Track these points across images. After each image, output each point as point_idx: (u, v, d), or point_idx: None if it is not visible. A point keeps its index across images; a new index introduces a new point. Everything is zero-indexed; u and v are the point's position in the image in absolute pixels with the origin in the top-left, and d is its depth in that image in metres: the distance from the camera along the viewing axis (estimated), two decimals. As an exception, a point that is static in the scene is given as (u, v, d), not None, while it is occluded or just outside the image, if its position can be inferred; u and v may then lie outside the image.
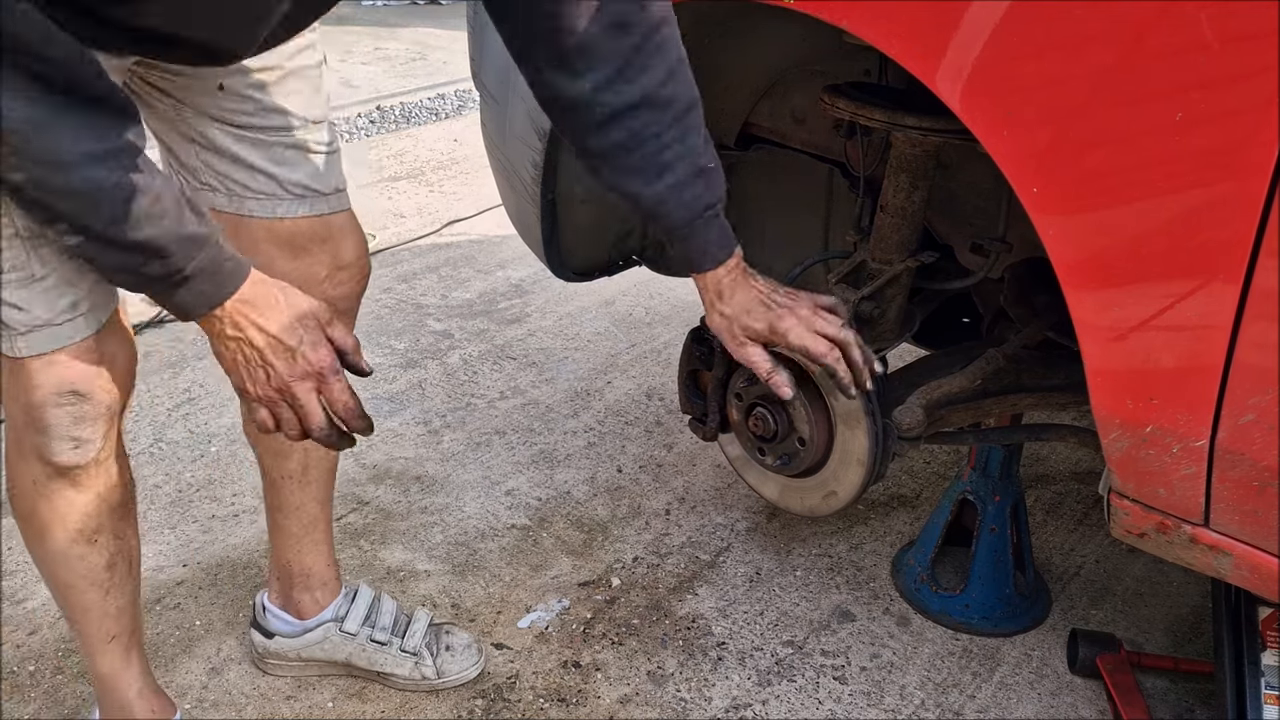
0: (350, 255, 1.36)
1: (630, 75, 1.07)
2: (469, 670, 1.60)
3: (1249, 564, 1.07)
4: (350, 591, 1.61)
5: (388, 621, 1.60)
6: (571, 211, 1.74)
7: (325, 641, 1.57)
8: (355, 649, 1.58)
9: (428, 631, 1.61)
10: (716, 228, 1.17)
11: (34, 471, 1.16)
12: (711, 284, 1.20)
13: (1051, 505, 2.08)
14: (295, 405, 1.03)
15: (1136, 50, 0.90)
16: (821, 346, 1.19)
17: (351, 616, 1.58)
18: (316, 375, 1.02)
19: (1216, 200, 0.90)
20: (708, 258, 1.18)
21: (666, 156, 1.11)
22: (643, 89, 1.08)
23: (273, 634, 1.58)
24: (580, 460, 2.19)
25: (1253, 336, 0.93)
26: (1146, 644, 1.72)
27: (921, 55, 1.03)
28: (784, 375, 1.22)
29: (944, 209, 1.51)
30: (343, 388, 1.04)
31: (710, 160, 1.14)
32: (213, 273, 0.97)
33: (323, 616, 1.57)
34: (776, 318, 1.19)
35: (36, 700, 1.55)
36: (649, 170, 1.12)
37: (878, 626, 1.75)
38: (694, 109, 1.12)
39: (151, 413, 2.28)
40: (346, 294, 1.37)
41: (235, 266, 0.99)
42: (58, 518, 1.19)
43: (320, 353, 1.02)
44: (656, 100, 1.08)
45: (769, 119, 1.69)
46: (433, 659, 1.58)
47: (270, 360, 1.01)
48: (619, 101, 1.08)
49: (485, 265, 3.17)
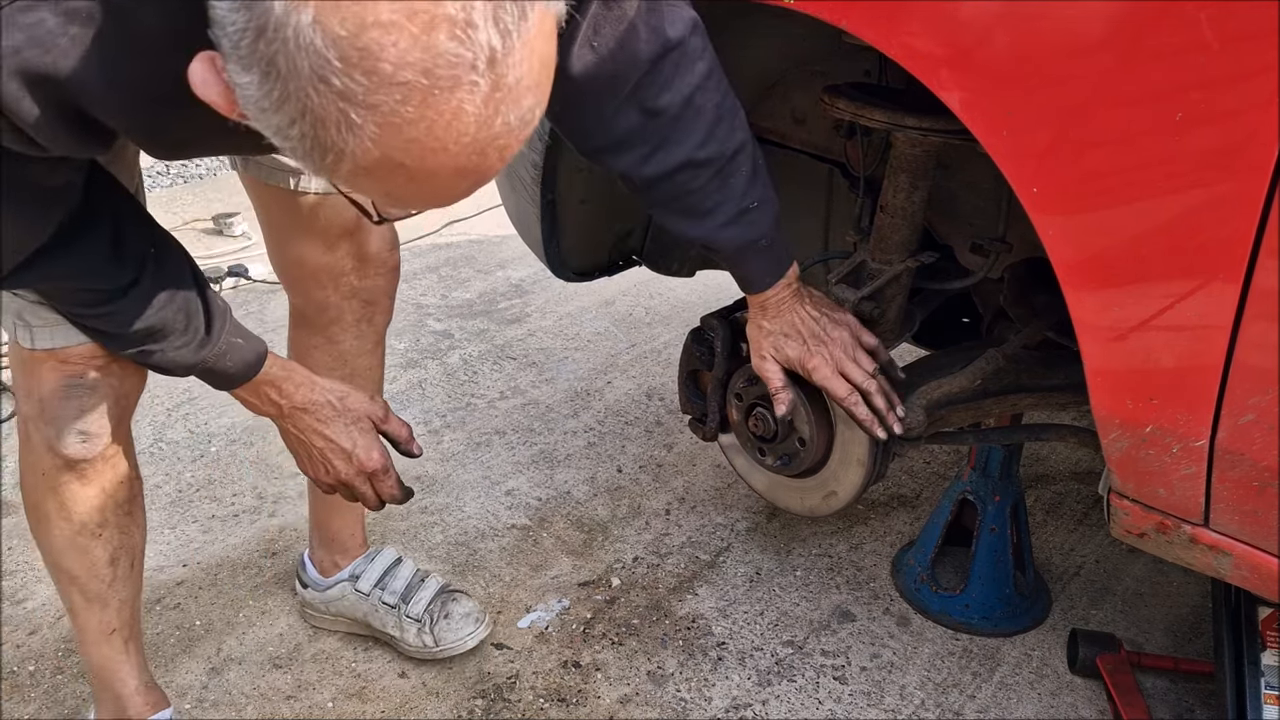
0: (373, 248, 1.41)
1: (668, 148, 1.11)
2: (465, 639, 1.60)
3: (1249, 564, 1.07)
4: (372, 553, 1.67)
5: (399, 586, 1.63)
6: (571, 212, 1.74)
7: (344, 599, 1.64)
8: (369, 609, 1.63)
9: (435, 599, 1.63)
10: (761, 258, 1.21)
11: (43, 463, 1.18)
12: (759, 300, 1.26)
13: (1051, 505, 2.08)
14: (352, 492, 1.21)
15: (1136, 50, 0.90)
16: (842, 390, 1.25)
17: (366, 576, 1.64)
18: (370, 475, 1.20)
19: (1216, 200, 0.90)
20: (754, 283, 1.24)
21: (707, 205, 1.15)
22: (679, 158, 1.11)
23: (307, 585, 1.68)
24: (580, 460, 2.19)
25: (1253, 336, 0.93)
26: (1146, 644, 1.72)
27: (921, 55, 1.03)
28: (789, 395, 1.28)
29: (944, 209, 1.51)
30: (392, 483, 1.22)
31: (754, 200, 1.16)
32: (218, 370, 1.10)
33: (340, 575, 1.65)
34: (807, 354, 1.25)
35: (36, 700, 1.55)
36: (692, 216, 1.16)
37: (878, 626, 1.75)
38: (737, 156, 1.14)
39: (151, 413, 2.28)
40: (373, 286, 1.44)
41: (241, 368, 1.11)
42: (63, 510, 1.21)
43: (373, 455, 1.19)
44: (694, 162, 1.11)
45: (769, 119, 1.68)
46: (431, 627, 1.59)
47: (330, 459, 1.19)
48: (658, 170, 1.12)
49: (485, 265, 3.17)
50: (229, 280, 2.91)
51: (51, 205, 0.91)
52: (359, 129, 0.61)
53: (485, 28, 0.60)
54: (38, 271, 0.95)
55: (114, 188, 1.01)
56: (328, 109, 0.61)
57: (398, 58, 0.59)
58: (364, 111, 0.60)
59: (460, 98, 0.61)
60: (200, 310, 1.06)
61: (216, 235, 3.26)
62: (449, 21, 0.59)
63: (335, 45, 0.59)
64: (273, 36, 0.59)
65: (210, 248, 3.17)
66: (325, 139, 0.62)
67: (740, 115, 1.15)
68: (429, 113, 0.61)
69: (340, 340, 1.46)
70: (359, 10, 0.58)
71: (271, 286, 2.91)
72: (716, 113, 1.11)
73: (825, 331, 1.25)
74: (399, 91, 0.60)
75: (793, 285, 1.25)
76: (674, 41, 1.05)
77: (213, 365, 1.08)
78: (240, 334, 1.10)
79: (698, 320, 1.52)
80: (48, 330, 1.08)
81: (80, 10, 0.72)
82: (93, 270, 0.98)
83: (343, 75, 0.59)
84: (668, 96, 1.07)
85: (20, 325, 1.09)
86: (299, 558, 1.71)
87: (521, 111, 0.65)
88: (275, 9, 0.59)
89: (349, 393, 1.18)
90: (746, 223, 1.17)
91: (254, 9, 0.60)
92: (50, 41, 0.72)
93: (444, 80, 0.60)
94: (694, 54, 1.07)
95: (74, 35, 0.73)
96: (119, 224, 0.99)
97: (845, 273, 1.47)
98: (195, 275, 1.07)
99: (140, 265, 1.00)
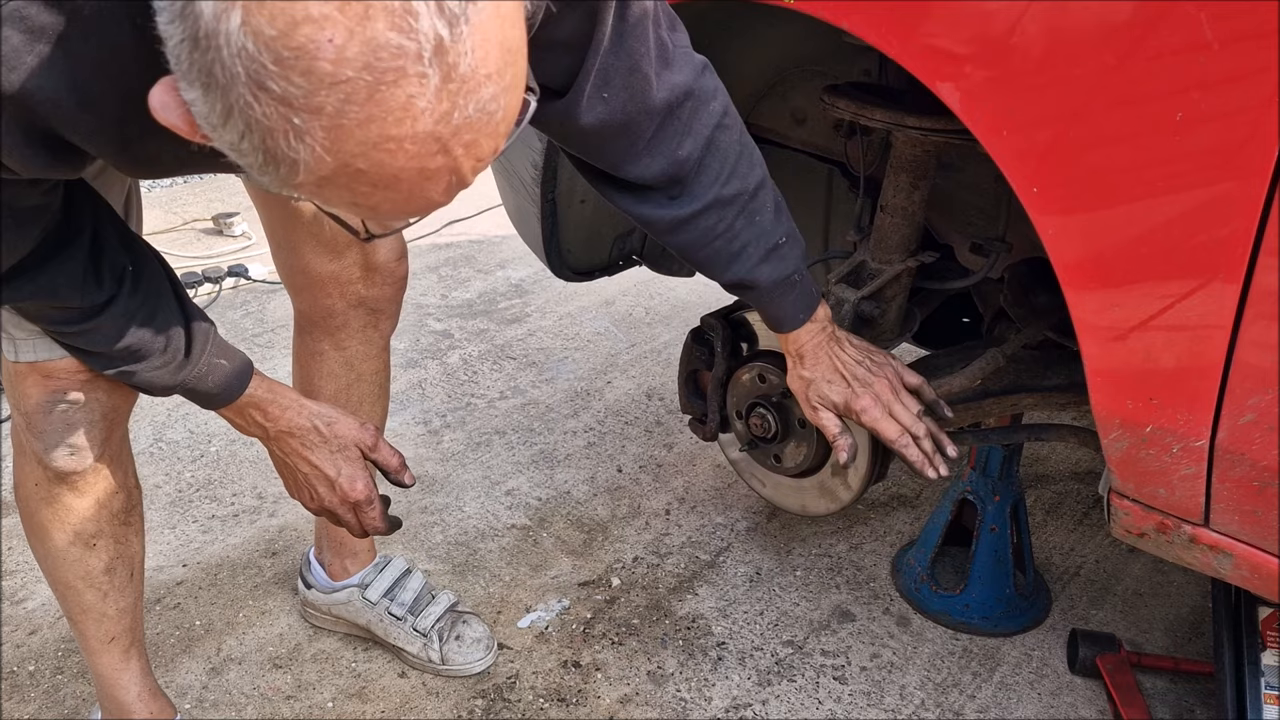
0: (381, 257, 1.40)
1: (693, 191, 1.09)
2: (473, 664, 1.61)
3: (1249, 564, 1.07)
4: (382, 562, 1.67)
5: (408, 598, 1.63)
6: (571, 211, 1.74)
7: (350, 604, 1.64)
8: (374, 617, 1.63)
9: (445, 615, 1.63)
10: (794, 294, 1.19)
11: (35, 474, 1.17)
12: (794, 345, 1.23)
13: (1051, 505, 2.08)
14: (337, 519, 1.19)
15: (1136, 50, 0.90)
16: (893, 432, 1.21)
17: (375, 586, 1.64)
18: (353, 505, 1.17)
19: (1216, 200, 0.90)
20: (786, 321, 1.21)
21: (735, 246, 1.13)
22: (706, 199, 1.09)
23: (311, 585, 1.67)
24: (580, 460, 2.19)
25: (1253, 336, 0.93)
26: (1146, 644, 1.72)
27: (921, 55, 1.03)
28: (849, 440, 1.24)
29: (944, 209, 1.51)
30: (375, 514, 1.18)
31: (782, 235, 1.15)
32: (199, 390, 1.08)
33: (349, 581, 1.65)
34: (854, 396, 1.21)
35: (36, 700, 1.55)
36: (721, 261, 1.14)
37: (878, 626, 1.75)
38: (760, 192, 1.13)
39: (151, 413, 2.28)
40: (380, 295, 1.42)
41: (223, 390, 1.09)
42: (57, 520, 1.20)
43: (357, 486, 1.16)
44: (721, 200, 1.10)
45: (769, 119, 1.68)
46: (440, 645, 1.60)
47: (314, 485, 1.16)
48: (685, 213, 1.10)
49: (485, 265, 3.17)
50: (229, 280, 2.91)
51: (28, 225, 0.88)
52: (307, 135, 0.58)
53: (428, 15, 0.56)
54: (13, 289, 0.92)
55: (93, 203, 0.97)
56: (271, 117, 0.57)
57: (335, 54, 0.55)
58: (308, 116, 0.57)
59: (408, 91, 0.57)
60: (181, 331, 1.03)
61: (216, 235, 3.26)
62: (386, 11, 0.55)
63: (268, 47, 0.55)
64: (205, 45, 0.56)
65: (210, 248, 3.17)
66: (276, 150, 0.59)
67: (756, 150, 1.13)
68: (376, 111, 0.57)
69: (346, 346, 1.45)
70: (287, 7, 0.54)
71: (271, 286, 2.91)
72: (738, 149, 1.10)
73: (869, 373, 1.22)
74: (341, 91, 0.56)
75: (827, 328, 1.22)
76: (687, 89, 1.03)
77: (194, 386, 1.06)
78: (225, 354, 1.07)
79: (698, 320, 1.52)
80: (30, 343, 1.06)
81: (47, 28, 0.69)
82: (67, 288, 0.95)
83: (279, 79, 0.56)
84: (689, 143, 1.06)
85: (5, 337, 1.07)
86: (303, 557, 1.71)
87: (482, 101, 0.60)
88: (204, 14, 0.56)
89: (337, 419, 1.14)
90: (779, 258, 1.15)
91: (186, 17, 0.57)
92: (15, 60, 0.69)
93: (388, 74, 0.56)
94: (708, 95, 1.06)
95: (40, 53, 0.69)
96: (97, 242, 0.96)
97: (845, 273, 1.47)
98: (178, 294, 1.04)
99: (117, 284, 0.97)
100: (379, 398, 1.53)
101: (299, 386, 1.48)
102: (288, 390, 1.14)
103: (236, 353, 1.09)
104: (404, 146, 0.59)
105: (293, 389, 1.15)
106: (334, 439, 1.14)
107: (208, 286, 2.85)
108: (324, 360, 1.45)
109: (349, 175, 0.61)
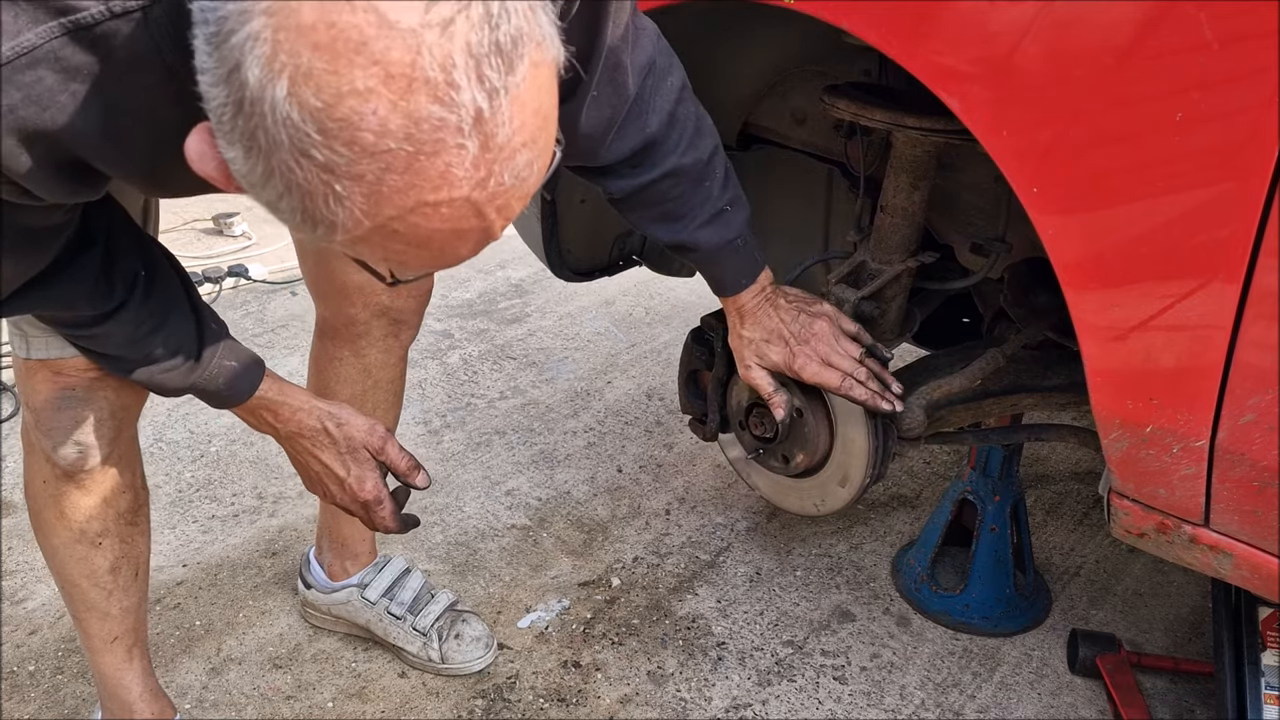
0: None
1: (654, 162, 1.12)
2: (472, 663, 1.61)
3: (1249, 564, 1.07)
4: (381, 561, 1.67)
5: (407, 597, 1.64)
6: (571, 211, 1.74)
7: (349, 604, 1.64)
8: (374, 617, 1.63)
9: (444, 614, 1.63)
10: (737, 258, 1.22)
11: (43, 471, 1.18)
12: (734, 307, 1.27)
13: (1051, 505, 2.08)
14: (353, 514, 1.20)
15: (1136, 50, 0.90)
16: (834, 380, 1.26)
17: (374, 585, 1.64)
18: (362, 505, 1.17)
19: (1216, 200, 0.90)
20: (728, 285, 1.25)
21: (682, 210, 1.16)
22: (664, 169, 1.12)
23: (310, 585, 1.67)
24: (580, 460, 2.19)
25: (1253, 336, 0.93)
26: (1146, 644, 1.72)
27: (921, 56, 1.03)
28: (783, 397, 1.30)
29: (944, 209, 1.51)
30: (386, 513, 1.18)
31: (728, 201, 1.18)
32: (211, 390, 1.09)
33: (349, 581, 1.65)
34: (792, 355, 1.26)
35: (36, 700, 1.55)
36: (670, 221, 1.18)
37: (878, 626, 1.75)
38: (713, 159, 1.15)
39: (151, 413, 2.28)
40: (404, 306, 1.44)
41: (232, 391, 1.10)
42: (63, 518, 1.21)
43: (366, 487, 1.16)
44: (678, 170, 1.13)
45: (769, 119, 1.68)
46: (439, 644, 1.60)
47: (326, 484, 1.17)
48: (642, 181, 1.13)
49: (485, 265, 3.17)
50: (229, 280, 2.91)
51: (48, 241, 0.89)
52: (346, 201, 0.59)
53: (469, 87, 0.58)
54: (24, 300, 0.93)
55: (109, 212, 0.99)
56: (312, 182, 0.59)
57: (378, 126, 0.57)
58: (349, 183, 0.59)
59: (447, 161, 0.59)
60: (192, 334, 1.04)
61: (216, 235, 3.25)
62: (428, 84, 0.57)
63: (313, 118, 0.57)
64: (250, 111, 0.58)
65: (210, 248, 3.16)
66: (315, 212, 0.61)
67: (708, 118, 1.16)
68: (415, 179, 0.59)
69: (365, 354, 1.45)
70: (333, 79, 0.56)
71: (272, 286, 2.91)
72: (695, 121, 1.13)
73: (805, 329, 1.26)
74: (382, 160, 0.58)
75: (766, 289, 1.26)
76: (649, 62, 1.06)
77: (205, 388, 1.07)
78: (236, 357, 1.08)
79: (698, 320, 1.52)
80: (43, 340, 1.07)
81: (82, 67, 0.71)
82: (80, 295, 0.96)
83: (323, 148, 0.57)
84: (654, 119, 1.08)
85: (17, 334, 1.09)
86: (303, 557, 1.71)
87: (516, 169, 0.63)
88: (250, 82, 0.57)
89: (347, 420, 1.15)
90: (723, 223, 1.18)
91: (231, 83, 0.58)
92: (49, 99, 0.71)
93: (427, 145, 0.58)
94: (664, 70, 1.08)
95: (74, 91, 0.71)
96: (109, 251, 0.97)
97: (845, 273, 1.47)
98: (190, 298, 1.05)
99: (129, 290, 0.98)
100: (393, 404, 1.53)
101: (314, 388, 1.48)
102: (299, 391, 1.14)
103: (248, 354, 1.10)
104: (440, 211, 0.61)
105: (305, 389, 1.16)
106: (343, 440, 1.15)
107: (208, 286, 2.85)
108: (341, 366, 1.46)
109: (384, 235, 0.63)
